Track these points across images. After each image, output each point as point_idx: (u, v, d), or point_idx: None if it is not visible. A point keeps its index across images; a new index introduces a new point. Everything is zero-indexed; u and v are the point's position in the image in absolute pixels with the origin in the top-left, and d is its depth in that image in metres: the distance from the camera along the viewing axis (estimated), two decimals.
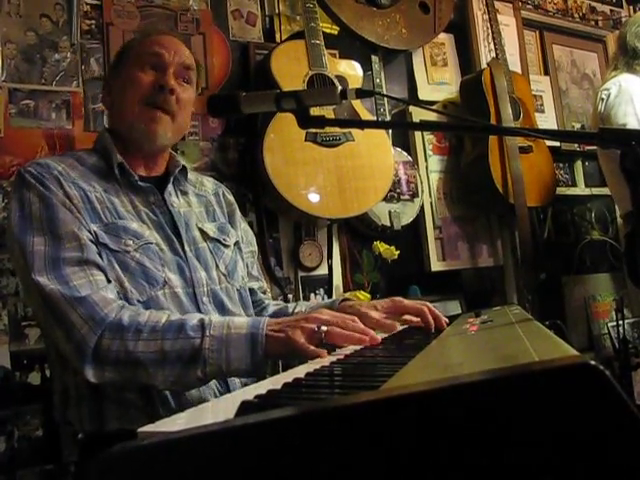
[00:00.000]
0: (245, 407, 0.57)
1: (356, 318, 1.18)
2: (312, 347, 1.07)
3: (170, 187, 1.48)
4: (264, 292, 1.68)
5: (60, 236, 1.22)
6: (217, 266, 1.46)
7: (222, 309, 1.39)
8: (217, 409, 0.66)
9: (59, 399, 1.29)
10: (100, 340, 1.12)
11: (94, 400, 1.22)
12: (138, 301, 1.24)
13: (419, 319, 1.40)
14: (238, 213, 1.66)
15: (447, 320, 1.39)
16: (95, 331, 1.12)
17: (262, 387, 0.70)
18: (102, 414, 1.21)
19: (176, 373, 1.12)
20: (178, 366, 1.11)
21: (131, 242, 1.30)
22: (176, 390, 1.21)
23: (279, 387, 0.68)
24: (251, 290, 1.59)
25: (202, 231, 1.48)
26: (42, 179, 1.28)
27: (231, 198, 1.67)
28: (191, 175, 1.59)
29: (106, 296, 1.17)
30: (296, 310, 1.61)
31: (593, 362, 0.41)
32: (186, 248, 1.40)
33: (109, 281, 1.22)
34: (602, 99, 2.74)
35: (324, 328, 1.10)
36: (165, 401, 1.22)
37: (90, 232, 1.26)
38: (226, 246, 1.52)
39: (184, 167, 1.53)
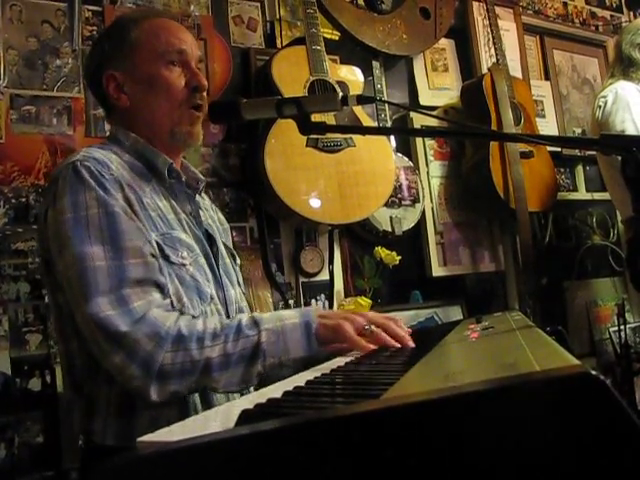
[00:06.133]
0: (245, 416, 0.57)
1: (399, 320, 1.21)
2: (362, 341, 1.11)
3: (198, 198, 1.46)
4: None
5: (123, 249, 1.14)
6: (238, 283, 1.47)
7: None
8: (217, 418, 0.65)
9: (83, 410, 1.23)
10: (164, 355, 1.09)
11: (125, 414, 1.18)
12: (192, 316, 1.19)
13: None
14: (229, 231, 1.66)
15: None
16: (162, 346, 1.09)
17: (263, 395, 0.70)
18: (131, 429, 1.17)
19: (240, 372, 1.12)
20: (241, 366, 1.12)
21: (187, 254, 1.26)
22: (228, 392, 1.20)
23: (279, 396, 0.68)
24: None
25: (225, 246, 1.48)
26: (102, 179, 1.18)
27: (222, 215, 1.66)
28: None
29: (161, 312, 1.13)
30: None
31: (594, 372, 0.41)
32: (220, 263, 1.39)
33: (165, 298, 1.18)
34: (599, 106, 2.76)
35: (373, 327, 1.14)
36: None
37: (152, 244, 1.19)
38: (236, 263, 1.53)
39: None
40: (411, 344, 1.14)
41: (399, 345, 1.13)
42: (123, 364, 1.09)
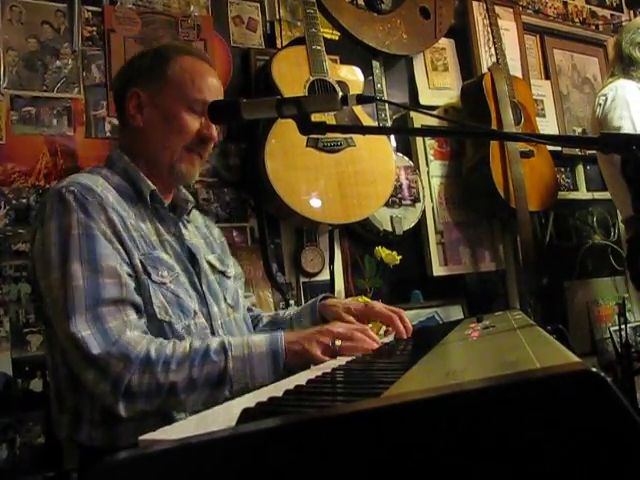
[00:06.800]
0: (247, 415, 0.57)
1: (366, 327, 1.26)
2: (328, 359, 1.16)
3: (188, 217, 1.53)
4: (254, 305, 1.77)
5: (99, 270, 1.20)
6: (225, 298, 1.49)
7: None
8: (219, 417, 0.66)
9: (69, 419, 1.28)
10: (131, 377, 1.14)
11: (110, 423, 1.22)
12: (164, 340, 1.24)
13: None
14: (226, 244, 1.70)
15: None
16: (130, 368, 1.14)
17: (264, 394, 0.70)
18: (117, 437, 1.22)
19: (205, 396, 1.16)
20: (207, 390, 1.16)
21: (167, 274, 1.32)
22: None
23: (280, 394, 0.68)
24: (248, 309, 1.66)
25: (209, 264, 1.51)
26: (85, 203, 1.25)
27: (217, 230, 1.71)
28: None
29: (135, 335, 1.18)
30: (286, 314, 1.68)
31: (594, 369, 0.41)
32: (202, 281, 1.43)
33: (140, 317, 1.24)
34: (599, 104, 2.77)
35: (338, 343, 1.18)
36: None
37: (130, 265, 1.26)
38: (228, 277, 1.57)
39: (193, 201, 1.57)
40: (375, 346, 1.20)
41: (368, 350, 1.18)
42: (95, 381, 1.15)
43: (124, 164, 1.42)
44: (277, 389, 0.73)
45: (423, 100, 3.02)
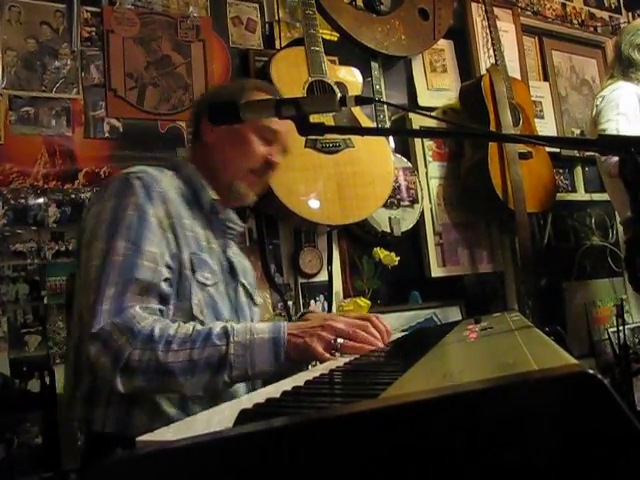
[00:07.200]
0: (244, 416, 0.57)
1: (368, 324, 1.25)
2: (328, 356, 1.15)
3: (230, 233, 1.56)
4: None
5: (140, 252, 1.24)
6: (252, 320, 1.53)
7: None
8: (216, 418, 0.66)
9: (83, 397, 1.28)
10: (132, 351, 1.15)
11: (125, 405, 1.24)
12: (171, 321, 1.25)
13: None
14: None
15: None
16: (132, 342, 1.15)
17: (261, 395, 0.70)
18: (130, 420, 1.23)
19: (205, 380, 1.16)
20: (207, 373, 1.16)
21: (209, 276, 1.36)
22: (208, 398, 1.22)
23: (278, 395, 0.68)
24: None
25: (243, 285, 1.53)
26: (149, 190, 1.31)
27: (249, 263, 1.71)
28: None
29: (142, 312, 1.19)
30: None
31: (591, 371, 0.41)
32: (238, 296, 1.47)
33: (162, 306, 1.26)
34: (596, 105, 2.79)
35: (340, 341, 1.18)
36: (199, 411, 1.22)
37: (177, 257, 1.30)
38: (256, 305, 1.59)
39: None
40: (379, 344, 1.21)
41: (369, 349, 1.17)
42: (97, 354, 1.16)
43: (189, 172, 1.48)
44: (275, 390, 0.73)
45: (422, 101, 3.02)
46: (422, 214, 2.80)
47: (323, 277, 2.56)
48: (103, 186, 1.38)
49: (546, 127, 3.41)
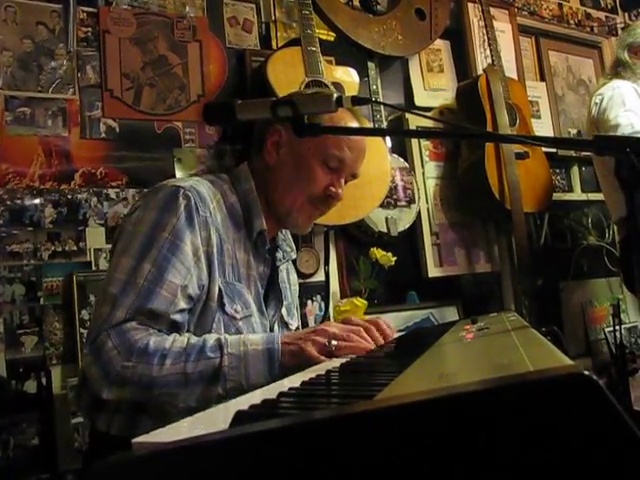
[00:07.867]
0: (240, 417, 0.57)
1: (361, 329, 1.23)
2: (323, 358, 1.15)
3: (282, 266, 1.55)
4: None
5: (162, 280, 1.20)
6: None
7: None
8: (212, 419, 0.65)
9: (90, 400, 1.26)
10: (125, 364, 1.14)
11: (132, 411, 1.23)
12: (166, 334, 1.24)
13: None
14: (297, 291, 1.73)
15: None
16: (125, 355, 1.14)
17: (257, 397, 0.70)
18: (136, 426, 1.22)
19: (198, 392, 1.16)
20: (200, 386, 1.15)
21: (240, 309, 1.33)
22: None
23: (274, 397, 0.68)
24: None
25: (281, 316, 1.53)
26: (192, 213, 1.26)
27: (295, 276, 1.71)
28: None
29: (137, 326, 1.18)
30: None
31: (587, 372, 0.41)
32: (273, 328, 1.45)
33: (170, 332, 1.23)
34: (596, 104, 2.79)
35: (334, 342, 1.17)
36: None
37: (203, 288, 1.26)
38: (289, 330, 1.57)
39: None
40: (370, 346, 1.19)
41: (364, 350, 1.17)
42: (89, 363, 1.16)
43: (248, 190, 1.42)
44: (270, 391, 0.73)
45: (418, 101, 3.03)
46: (419, 214, 2.81)
47: (320, 277, 2.56)
48: (152, 191, 1.32)
49: (543, 127, 3.42)
